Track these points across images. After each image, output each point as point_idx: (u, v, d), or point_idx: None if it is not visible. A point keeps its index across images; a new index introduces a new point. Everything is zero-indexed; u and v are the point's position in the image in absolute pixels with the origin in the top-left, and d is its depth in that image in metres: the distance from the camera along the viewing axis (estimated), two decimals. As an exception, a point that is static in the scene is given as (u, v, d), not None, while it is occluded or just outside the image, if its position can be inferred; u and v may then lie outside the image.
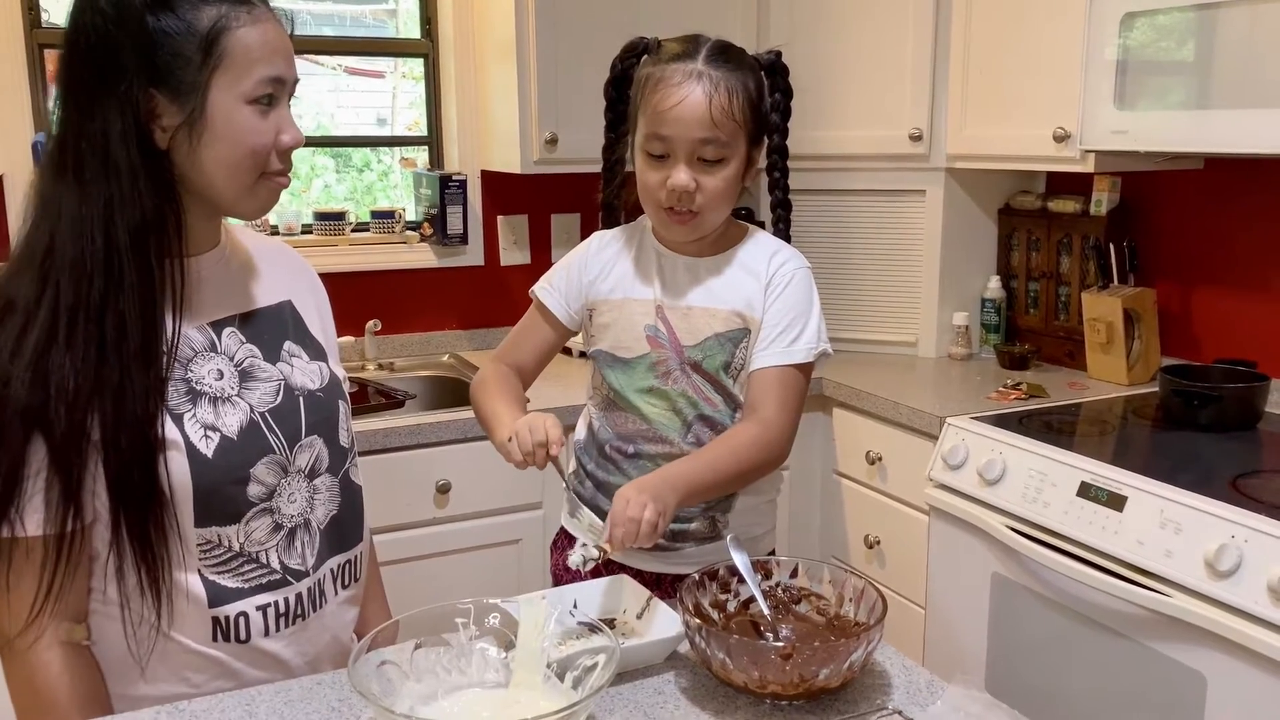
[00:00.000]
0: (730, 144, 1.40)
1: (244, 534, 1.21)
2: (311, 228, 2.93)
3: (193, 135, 1.12)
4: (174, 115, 1.12)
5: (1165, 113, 2.08)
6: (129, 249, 1.10)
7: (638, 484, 1.31)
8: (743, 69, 1.42)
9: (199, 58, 1.10)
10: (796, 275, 1.49)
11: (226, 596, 1.21)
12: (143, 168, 1.10)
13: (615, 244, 1.57)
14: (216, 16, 1.11)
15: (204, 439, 1.17)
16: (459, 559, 2.43)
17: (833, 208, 2.91)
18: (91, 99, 1.09)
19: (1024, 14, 2.43)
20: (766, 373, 1.47)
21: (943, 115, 2.69)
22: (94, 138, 1.09)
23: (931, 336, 2.87)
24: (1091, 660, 1.89)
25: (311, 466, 1.28)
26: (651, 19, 2.64)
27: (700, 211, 1.42)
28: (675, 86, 1.38)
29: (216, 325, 1.23)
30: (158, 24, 1.09)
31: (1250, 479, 1.85)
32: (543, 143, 2.65)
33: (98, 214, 1.09)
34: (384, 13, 3.14)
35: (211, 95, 1.11)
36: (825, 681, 1.13)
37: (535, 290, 1.59)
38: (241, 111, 1.13)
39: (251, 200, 1.19)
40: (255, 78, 1.13)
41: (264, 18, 1.15)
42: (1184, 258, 2.57)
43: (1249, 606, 1.61)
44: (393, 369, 2.88)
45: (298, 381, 1.28)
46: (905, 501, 2.43)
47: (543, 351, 1.59)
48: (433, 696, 1.10)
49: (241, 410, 1.21)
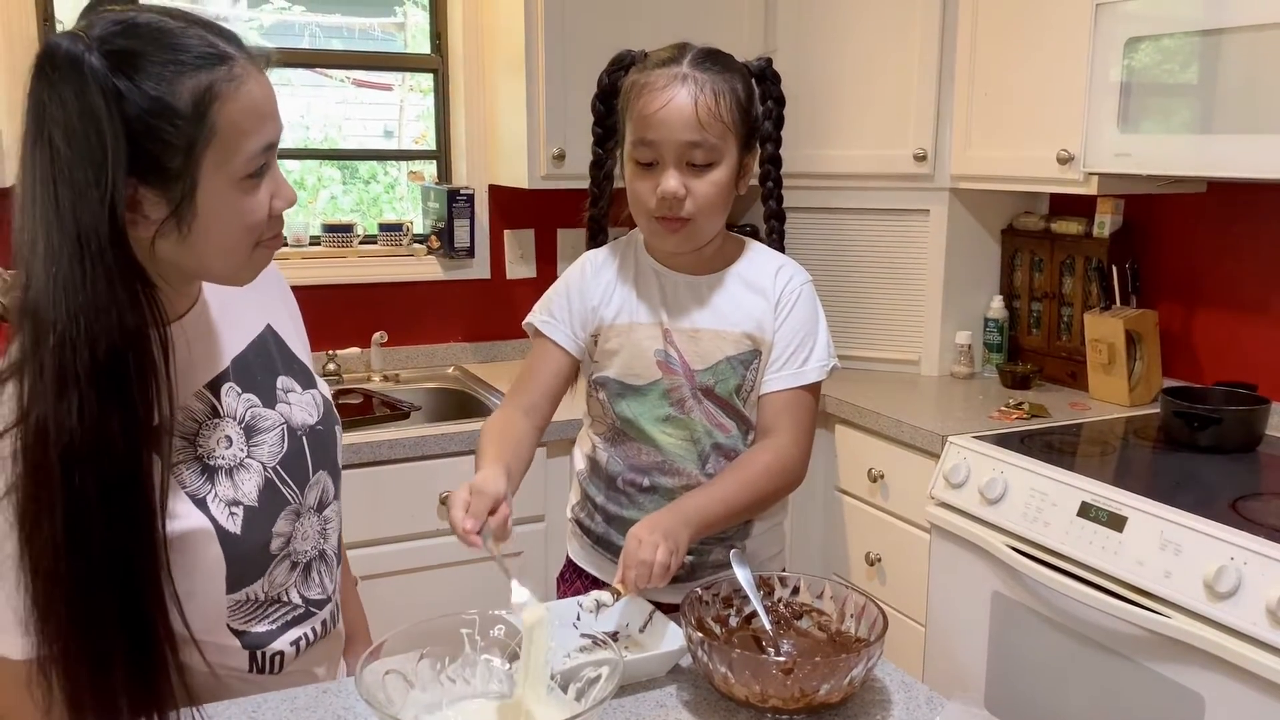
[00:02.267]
0: (719, 147, 1.37)
1: (267, 584, 1.21)
2: (320, 240, 2.95)
3: (181, 225, 1.00)
4: (159, 207, 1.00)
5: (1168, 136, 2.10)
6: (109, 375, 0.96)
7: (650, 523, 1.29)
8: (730, 72, 1.39)
9: (184, 140, 0.97)
10: (803, 292, 1.47)
11: (259, 641, 1.21)
12: (122, 282, 0.96)
13: (610, 265, 1.52)
14: (198, 89, 0.97)
15: (230, 517, 1.14)
16: (460, 571, 2.43)
17: (837, 226, 2.92)
18: (62, 206, 0.93)
19: (1029, 36, 2.46)
20: (779, 396, 1.45)
21: (947, 136, 2.71)
22: (68, 253, 0.94)
23: (934, 355, 2.89)
24: (1090, 680, 1.89)
25: (320, 500, 1.29)
26: (658, 36, 2.64)
27: (692, 218, 1.38)
28: (660, 90, 1.36)
29: (213, 385, 1.17)
30: (131, 106, 0.95)
31: (1250, 501, 1.85)
32: (550, 158, 2.67)
33: (79, 338, 0.94)
34: (393, 26, 3.17)
35: (201, 180, 0.99)
36: (826, 696, 1.14)
37: (534, 324, 1.52)
38: (233, 193, 1.02)
39: (247, 271, 1.11)
40: (246, 154, 1.01)
41: (247, 76, 1.01)
42: (1186, 280, 2.58)
43: (1248, 628, 1.62)
44: (398, 380, 2.89)
45: (298, 420, 1.26)
46: (906, 519, 2.44)
47: (555, 388, 1.51)
48: (437, 706, 1.11)
49: (256, 472, 1.19)
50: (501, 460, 1.32)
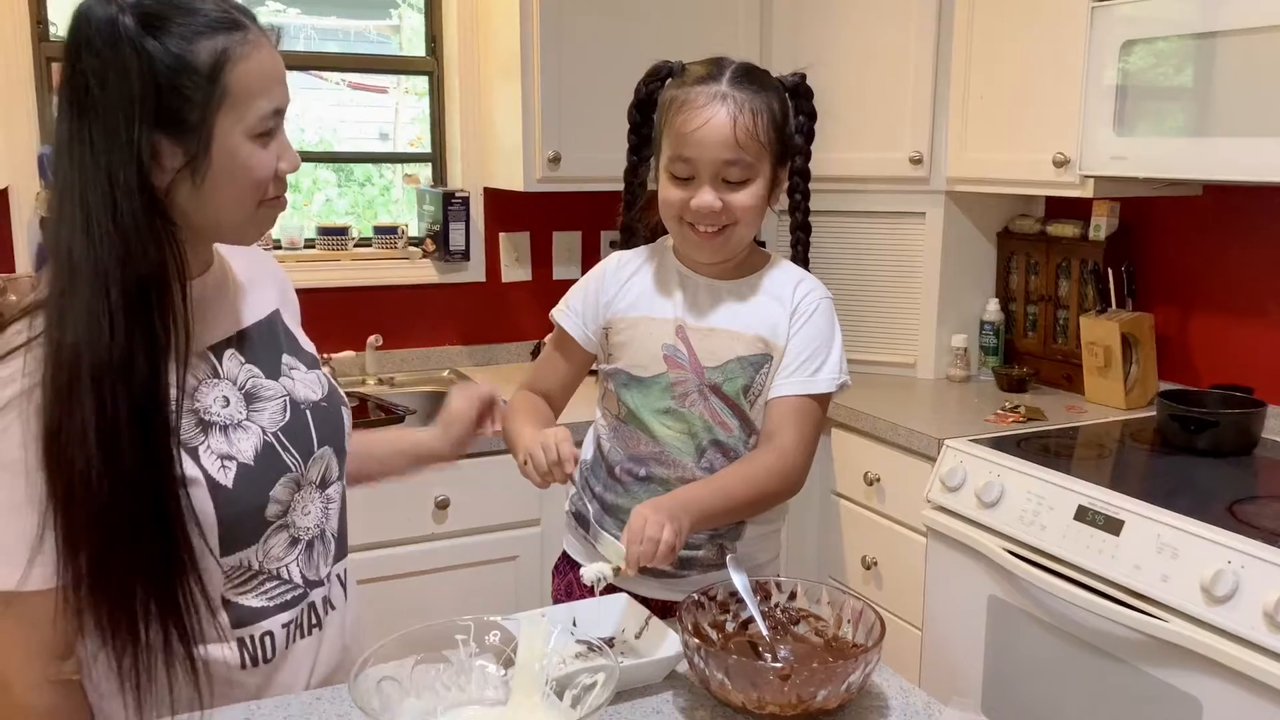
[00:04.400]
0: (755, 165, 1.41)
1: (262, 552, 1.21)
2: (314, 242, 2.94)
3: (195, 175, 1.09)
4: (176, 157, 1.08)
5: (1164, 139, 2.10)
6: (137, 303, 1.06)
7: (653, 504, 1.30)
8: (767, 91, 1.43)
9: (201, 96, 1.06)
10: (821, 305, 1.50)
11: (251, 617, 1.20)
12: (146, 219, 1.06)
13: (634, 263, 1.56)
14: (215, 50, 1.07)
15: (221, 469, 1.15)
16: (456, 575, 2.43)
17: (832, 229, 2.92)
18: (96, 148, 1.04)
19: (1024, 38, 2.46)
20: (786, 401, 1.46)
21: (943, 138, 2.71)
22: (101, 190, 1.04)
23: (930, 358, 2.88)
24: (1087, 684, 1.89)
25: (323, 477, 1.29)
26: (655, 40, 2.66)
27: (724, 232, 1.42)
28: (699, 109, 1.39)
29: (216, 349, 1.21)
30: (157, 63, 1.04)
31: (1247, 504, 1.85)
32: (545, 161, 2.67)
33: (112, 268, 1.04)
34: (388, 29, 3.16)
35: (215, 134, 1.08)
36: (823, 703, 1.13)
37: (554, 314, 1.59)
38: (244, 147, 1.10)
39: (252, 228, 1.18)
40: (258, 113, 1.10)
41: (259, 43, 1.11)
42: (1182, 283, 2.58)
43: (1245, 632, 1.62)
44: (393, 384, 2.89)
45: (301, 394, 1.28)
46: (903, 523, 2.43)
47: (566, 377, 1.59)
48: (432, 713, 1.10)
49: (254, 434, 1.20)
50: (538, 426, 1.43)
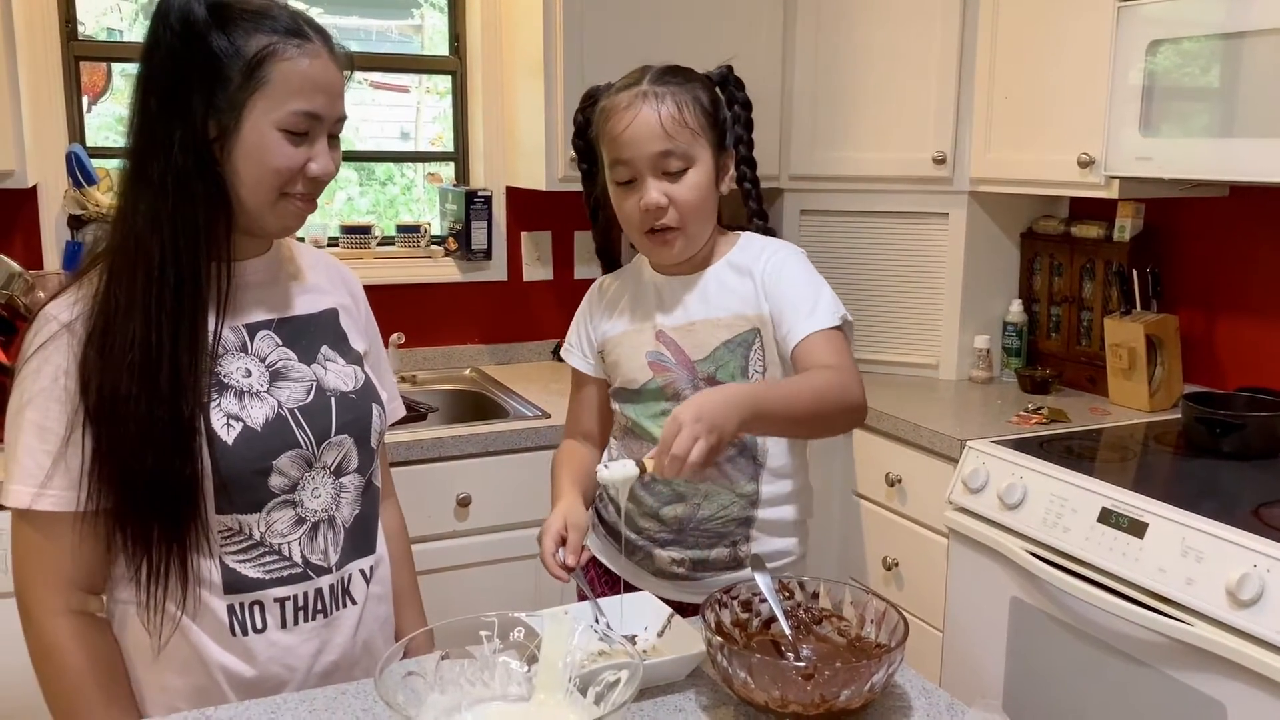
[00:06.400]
0: (690, 152, 1.42)
1: (265, 524, 1.24)
2: (338, 241, 2.96)
3: (224, 149, 1.19)
4: (214, 129, 1.18)
5: (1190, 140, 2.09)
6: (187, 249, 1.18)
7: (696, 406, 1.21)
8: (691, 83, 1.46)
9: (239, 79, 1.17)
10: (788, 259, 1.49)
11: (244, 585, 1.24)
12: (199, 176, 1.18)
13: (614, 284, 1.61)
14: (263, 44, 1.17)
15: (226, 427, 1.21)
16: (478, 572, 2.44)
17: (855, 229, 2.92)
18: (160, 111, 1.17)
19: (1049, 38, 2.44)
20: (807, 340, 1.42)
21: (967, 138, 2.70)
22: (163, 146, 1.17)
23: (952, 359, 2.87)
24: (1111, 687, 1.88)
25: (339, 464, 1.31)
26: (677, 40, 2.67)
27: (680, 226, 1.44)
28: (625, 110, 1.42)
29: (251, 328, 1.28)
30: (214, 47, 1.16)
31: (1273, 508, 1.84)
32: (568, 160, 2.67)
33: (167, 215, 1.17)
34: (410, 28, 3.18)
35: (247, 116, 1.18)
36: (846, 702, 1.13)
37: (562, 353, 1.66)
38: (270, 135, 1.19)
39: (272, 217, 1.24)
40: (289, 109, 1.19)
41: (314, 53, 1.21)
42: (1207, 285, 2.56)
43: (1270, 636, 1.60)
44: (415, 382, 2.90)
45: (331, 383, 1.32)
46: (924, 524, 2.43)
47: (596, 410, 1.64)
48: (456, 709, 1.11)
49: (269, 405, 1.25)
50: (577, 487, 1.52)
